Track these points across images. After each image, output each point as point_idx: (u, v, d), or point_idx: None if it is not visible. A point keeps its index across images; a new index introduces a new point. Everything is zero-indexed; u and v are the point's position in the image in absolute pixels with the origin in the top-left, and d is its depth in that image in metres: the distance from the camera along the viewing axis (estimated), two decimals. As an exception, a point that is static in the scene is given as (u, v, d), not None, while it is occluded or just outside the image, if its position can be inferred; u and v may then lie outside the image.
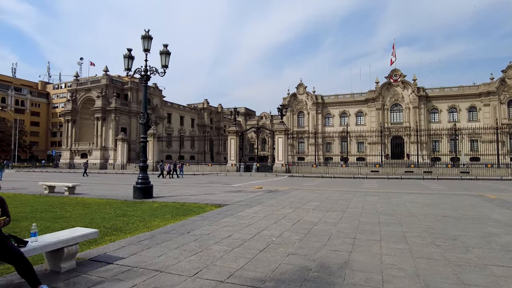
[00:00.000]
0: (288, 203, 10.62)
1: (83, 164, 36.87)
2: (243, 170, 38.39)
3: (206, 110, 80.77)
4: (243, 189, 16.12)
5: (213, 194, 13.42)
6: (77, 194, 13.87)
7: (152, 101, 65.24)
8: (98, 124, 58.13)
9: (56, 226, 7.34)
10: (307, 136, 57.21)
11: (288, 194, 13.24)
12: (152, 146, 46.30)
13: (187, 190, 15.85)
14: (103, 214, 8.92)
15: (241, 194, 13.46)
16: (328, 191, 15.13)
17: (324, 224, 7.15)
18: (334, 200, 11.35)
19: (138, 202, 11.27)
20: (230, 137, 40.59)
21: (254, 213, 8.60)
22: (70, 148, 60.74)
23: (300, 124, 76.25)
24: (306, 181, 24.94)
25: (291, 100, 77.11)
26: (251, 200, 11.15)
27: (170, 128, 69.77)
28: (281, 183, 23.04)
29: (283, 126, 38.51)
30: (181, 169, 33.47)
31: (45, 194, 13.84)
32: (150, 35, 12.58)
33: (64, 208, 9.95)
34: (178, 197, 12.46)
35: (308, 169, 35.75)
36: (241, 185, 19.83)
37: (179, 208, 9.88)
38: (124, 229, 6.93)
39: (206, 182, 23.03)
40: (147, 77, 12.57)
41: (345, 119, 71.35)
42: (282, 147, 37.89)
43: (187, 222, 7.52)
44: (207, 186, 18.79)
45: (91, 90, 60.69)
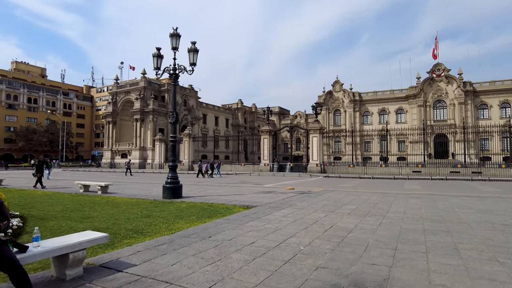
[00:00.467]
0: (320, 206, 9.89)
1: (126, 164, 37.95)
2: (277, 170, 37.77)
3: (240, 110, 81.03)
4: (274, 190, 15.53)
5: (242, 195, 12.97)
6: (109, 193, 14.03)
7: (188, 102, 66.49)
8: (137, 125, 60.19)
9: (80, 226, 7.21)
10: (343, 135, 55.37)
11: (322, 196, 12.46)
12: (187, 146, 47.02)
13: (218, 190, 15.55)
14: (129, 214, 8.76)
15: (272, 195, 12.89)
16: (365, 193, 14.14)
17: (360, 232, 6.39)
18: (372, 204, 10.44)
19: (167, 202, 11.08)
20: (263, 137, 40.13)
21: (283, 216, 7.99)
22: (111, 148, 63.47)
23: (336, 123, 74.14)
24: (342, 182, 23.83)
25: (326, 98, 75.21)
26: (281, 202, 10.54)
27: (206, 129, 70.74)
28: (315, 184, 22.15)
29: (318, 124, 37.37)
30: (218, 169, 33.26)
31: (80, 193, 14.14)
32: (178, 33, 12.37)
33: (93, 208, 9.96)
34: (207, 197, 12.15)
35: (345, 170, 34.36)
36: (273, 186, 19.26)
37: (206, 209, 9.51)
38: (145, 231, 6.64)
39: (238, 182, 22.70)
40: (175, 76, 12.38)
41: (384, 117, 68.33)
42: (317, 147, 36.78)
43: (210, 225, 7.08)
44: (238, 186, 18.42)
45: (130, 92, 63.03)
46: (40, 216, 8.50)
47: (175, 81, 12.46)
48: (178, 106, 63.32)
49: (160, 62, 12.69)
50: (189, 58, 12.30)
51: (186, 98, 65.66)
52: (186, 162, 46.34)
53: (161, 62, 12.76)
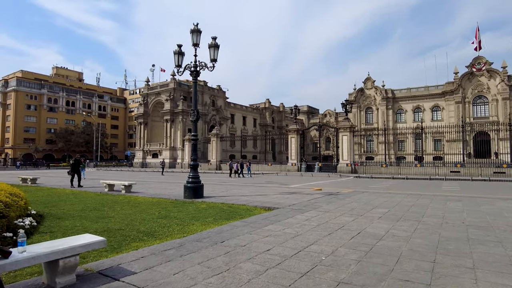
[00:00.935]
0: (348, 209, 9.13)
1: (161, 164, 38.34)
2: (305, 170, 36.85)
3: (268, 110, 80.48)
4: (300, 190, 14.84)
5: (265, 196, 12.41)
6: (133, 192, 13.98)
7: (216, 103, 66.89)
8: (167, 125, 61.32)
9: (94, 226, 6.98)
10: (376, 134, 53.33)
11: (351, 198, 11.64)
12: (215, 146, 47.14)
13: (241, 190, 15.10)
14: (146, 215, 8.48)
15: (296, 196, 12.23)
16: (399, 194, 13.11)
17: (392, 239, 5.63)
18: (406, 207, 9.52)
19: (187, 202, 10.75)
20: (291, 136, 39.32)
21: (306, 220, 7.34)
22: (143, 148, 65.14)
23: (368, 121, 71.72)
24: (374, 183, 22.63)
25: (357, 95, 72.96)
26: (305, 204, 9.88)
27: (233, 128, 70.88)
28: (345, 184, 21.16)
29: (348, 122, 36.04)
30: (249, 169, 32.69)
31: (104, 192, 14.20)
32: (199, 29, 12.04)
33: (113, 207, 9.81)
34: (228, 198, 11.71)
35: (377, 170, 32.84)
36: (299, 186, 18.54)
37: (225, 210, 9.06)
38: (157, 234, 6.26)
39: (263, 182, 22.17)
40: (196, 73, 12.05)
41: (419, 115, 65.18)
42: (347, 146, 35.48)
43: (226, 228, 6.59)
44: (263, 186, 17.88)
45: (161, 94, 64.37)
46: (59, 215, 8.41)
47: (196, 78, 12.12)
48: (207, 107, 63.91)
49: (181, 59, 12.43)
50: (209, 54, 11.93)
51: (214, 99, 66.09)
52: (214, 162, 46.46)
53: (182, 59, 12.49)
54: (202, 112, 61.98)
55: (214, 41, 11.90)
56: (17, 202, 6.99)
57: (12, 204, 6.58)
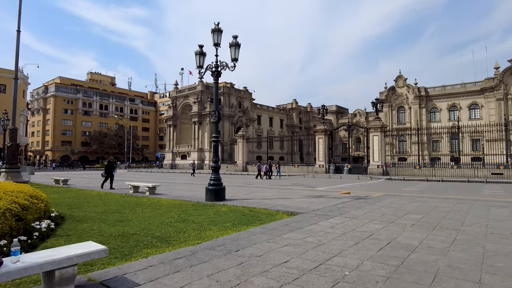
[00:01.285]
0: (378, 215, 8.46)
1: (191, 165, 38.45)
2: (333, 171, 35.82)
3: (295, 110, 79.53)
4: (326, 193, 14.20)
5: (290, 199, 11.92)
6: (157, 194, 13.96)
7: (243, 104, 66.94)
8: (195, 127, 62.13)
9: (110, 230, 6.84)
10: (409, 134, 51.03)
11: (381, 203, 10.90)
12: (241, 147, 47.05)
13: (265, 192, 14.68)
14: (165, 218, 8.28)
15: (322, 200, 11.63)
16: (434, 199, 12.17)
17: (427, 251, 5.00)
18: (442, 213, 8.70)
19: (208, 205, 10.50)
20: (318, 136, 38.40)
21: (330, 227, 6.80)
22: (172, 150, 66.39)
23: (400, 121, 69.08)
24: (407, 185, 21.44)
25: (388, 94, 70.49)
26: (331, 209, 9.30)
27: (260, 130, 70.62)
28: (375, 187, 20.19)
29: (379, 122, 34.64)
30: (278, 170, 31.82)
31: (129, 194, 14.29)
32: (220, 28, 11.78)
33: (134, 210, 9.72)
34: (251, 201, 11.33)
35: (410, 171, 31.27)
36: (326, 189, 17.85)
37: (246, 214, 8.68)
38: (171, 240, 5.99)
39: (289, 184, 21.63)
40: (217, 73, 11.80)
41: (455, 113, 61.87)
42: (378, 146, 34.09)
43: (243, 234, 6.20)
44: (288, 189, 17.35)
45: (189, 96, 65.35)
46: (79, 218, 8.39)
47: (217, 78, 11.87)
48: (233, 108, 64.09)
49: (202, 60, 12.23)
50: (230, 53, 11.63)
51: (240, 100, 66.18)
52: (240, 163, 46.37)
53: (204, 60, 12.29)
54: (229, 113, 62.26)
55: (235, 40, 11.60)
56: (37, 204, 6.98)
57: (31, 207, 6.56)
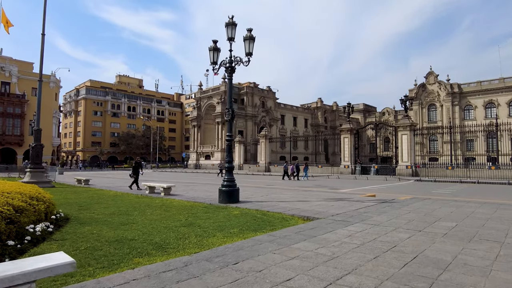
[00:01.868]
0: (404, 221, 7.54)
1: (218, 165, 37.71)
2: (359, 172, 34.41)
3: (320, 109, 77.90)
4: (349, 196, 13.27)
5: (307, 202, 11.14)
6: (172, 195, 13.60)
7: (266, 104, 66.32)
8: (218, 128, 62.22)
9: (109, 234, 6.42)
10: (440, 132, 48.37)
11: (408, 207, 9.90)
12: (264, 147, 46.43)
13: (284, 194, 13.95)
14: (171, 221, 7.80)
15: (343, 203, 10.77)
16: (470, 203, 10.98)
17: (463, 270, 4.13)
18: (480, 220, 7.66)
19: (220, 208, 9.95)
20: (343, 136, 37.07)
21: (348, 236, 6.01)
22: (196, 150, 66.88)
23: (431, 119, 65.98)
24: (438, 187, 19.98)
25: (418, 91, 67.50)
26: (351, 214, 8.46)
27: (284, 129, 69.72)
28: (403, 189, 18.92)
29: (408, 120, 32.91)
30: (306, 171, 30.15)
31: (144, 195, 14.03)
32: (234, 22, 11.22)
33: (143, 212, 9.34)
34: (266, 203, 10.67)
35: (441, 172, 29.38)
36: (350, 191, 16.86)
37: (257, 219, 8.03)
38: (169, 247, 5.45)
39: (311, 186, 20.75)
40: (231, 69, 11.24)
41: (492, 110, 58.22)
42: (407, 146, 32.39)
43: (248, 243, 5.55)
44: (309, 190, 16.50)
45: (212, 97, 65.59)
46: (84, 220, 8.07)
47: (231, 74, 11.31)
48: (256, 108, 63.63)
49: (217, 56, 11.72)
50: (244, 47, 11.03)
51: (264, 100, 65.59)
52: (262, 163, 45.78)
53: (218, 56, 11.77)
54: (252, 113, 61.85)
55: (249, 33, 10.98)
56: (35, 206, 6.67)
57: (27, 209, 6.24)
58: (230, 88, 11.36)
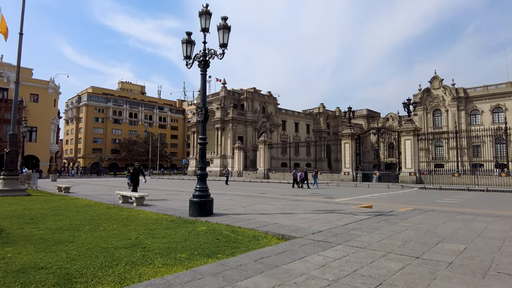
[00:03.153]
0: (399, 242, 6.09)
1: (224, 172, 35.33)
2: (361, 179, 32.84)
3: (322, 115, 76.41)
4: (342, 207, 11.80)
5: (291, 215, 9.70)
6: (144, 205, 12.26)
7: (267, 109, 65.06)
8: (217, 133, 61.00)
9: (25, 259, 5.05)
10: (446, 138, 46.61)
11: (407, 222, 8.44)
12: (263, 153, 45.05)
13: (270, 205, 12.51)
14: (118, 240, 6.46)
15: (332, 217, 9.32)
16: (480, 216, 9.46)
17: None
18: (494, 241, 6.17)
19: (188, 222, 8.58)
20: (344, 141, 35.57)
21: (320, 267, 4.58)
22: (195, 157, 65.53)
23: (436, 124, 64.21)
24: (443, 196, 18.39)
25: (423, 96, 65.87)
26: (336, 232, 7.02)
27: (285, 135, 68.28)
28: (405, 198, 17.39)
29: (411, 125, 31.37)
30: (315, 178, 27.26)
31: (116, 205, 12.70)
32: (209, 11, 9.94)
33: (98, 226, 8.02)
34: (243, 216, 9.27)
35: (447, 179, 27.71)
36: (346, 201, 15.38)
37: (223, 238, 6.64)
38: (77, 282, 4.08)
39: (306, 194, 19.29)
40: (205, 63, 9.95)
41: (499, 115, 56.43)
42: (411, 151, 30.82)
43: (183, 278, 4.15)
44: (300, 200, 15.03)
45: (212, 103, 64.45)
46: (16, 237, 6.73)
47: (205, 69, 10.01)
48: (256, 114, 62.38)
49: (190, 49, 10.45)
50: (218, 38, 9.74)
51: (264, 105, 64.35)
52: (261, 170, 44.37)
53: (192, 49, 10.51)
54: (252, 119, 60.61)
55: (224, 22, 9.70)
56: None
57: None
58: (203, 85, 10.04)
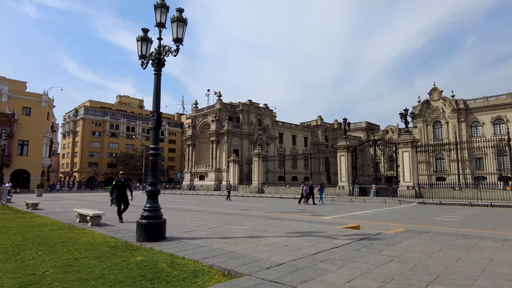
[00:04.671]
0: (375, 284, 4.55)
1: (226, 187, 31.05)
2: (357, 194, 31.18)
3: (320, 127, 75.11)
4: (324, 228, 10.23)
5: (259, 239, 8.16)
6: (101, 225, 10.73)
7: (263, 122, 63.84)
8: (213, 146, 59.66)
9: None
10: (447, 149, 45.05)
11: (393, 249, 6.88)
12: (257, 167, 43.51)
13: (241, 225, 10.94)
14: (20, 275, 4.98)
15: (305, 241, 7.78)
16: (484, 240, 7.88)
17: None
18: (505, 281, 4.62)
19: (128, 249, 7.08)
20: (340, 154, 34.07)
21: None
22: (190, 170, 64.08)
23: (436, 136, 62.74)
24: (443, 212, 16.75)
25: (422, 108, 64.62)
26: (299, 266, 5.48)
27: (282, 148, 66.81)
28: (400, 215, 15.77)
29: (409, 136, 29.89)
30: (321, 193, 24.43)
31: (72, 224, 11.20)
32: (165, 3, 8.67)
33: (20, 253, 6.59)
34: (199, 242, 7.74)
35: (448, 193, 26.02)
36: (333, 219, 13.80)
37: (150, 275, 5.12)
38: None
39: (294, 211, 17.70)
40: (158, 62, 8.62)
41: (500, 127, 54.95)
42: (409, 164, 29.26)
43: None
44: (280, 219, 13.43)
45: (207, 115, 63.41)
46: None
47: (159, 68, 8.68)
48: (252, 126, 61.13)
49: (146, 48, 9.13)
50: (172, 32, 8.43)
51: (260, 118, 63.15)
52: (255, 184, 42.76)
53: (149, 48, 9.19)
54: (248, 131, 59.31)
55: (178, 14, 8.40)
56: None
57: None
58: (157, 87, 8.65)
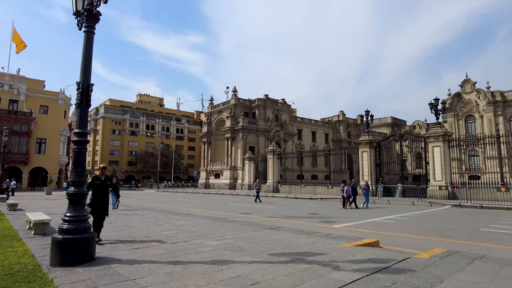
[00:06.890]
0: None
1: (255, 186, 26.93)
2: (381, 194, 27.88)
3: (342, 123, 71.28)
4: (326, 246, 7.53)
5: (223, 267, 5.63)
6: (48, 234, 8.52)
7: (280, 118, 61.00)
8: (228, 144, 57.54)
9: None
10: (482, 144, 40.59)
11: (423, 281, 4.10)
12: (272, 164, 40.85)
13: (214, 240, 8.42)
14: None
15: (287, 273, 5.16)
16: None
17: None
18: None
19: (27, 280, 4.72)
20: (362, 150, 30.84)
21: None
22: (206, 168, 62.29)
23: (469, 132, 57.65)
24: (490, 219, 13.46)
25: (453, 102, 59.58)
26: None
27: (301, 145, 63.69)
28: (433, 224, 12.69)
29: (440, 129, 26.29)
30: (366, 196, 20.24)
31: (17, 232, 9.07)
32: None
33: None
34: (135, 268, 5.30)
35: (489, 194, 22.10)
36: (345, 228, 11.00)
37: None
38: None
39: (303, 215, 14.98)
40: (90, 14, 6.22)
41: (545, 120, 49.32)
42: (441, 161, 25.69)
43: None
44: (276, 228, 10.77)
45: (223, 112, 61.34)
46: None
47: (91, 25, 6.27)
48: (269, 122, 58.40)
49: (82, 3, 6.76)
50: (102, -31, 5.99)
51: (278, 113, 60.29)
52: (270, 183, 40.08)
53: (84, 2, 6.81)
54: (264, 128, 56.67)
55: None
56: None
57: None
58: (87, 49, 6.24)
